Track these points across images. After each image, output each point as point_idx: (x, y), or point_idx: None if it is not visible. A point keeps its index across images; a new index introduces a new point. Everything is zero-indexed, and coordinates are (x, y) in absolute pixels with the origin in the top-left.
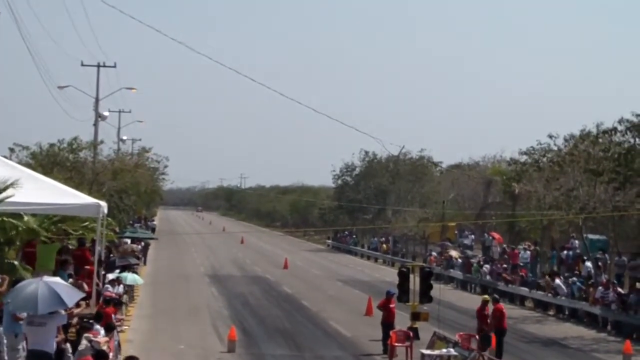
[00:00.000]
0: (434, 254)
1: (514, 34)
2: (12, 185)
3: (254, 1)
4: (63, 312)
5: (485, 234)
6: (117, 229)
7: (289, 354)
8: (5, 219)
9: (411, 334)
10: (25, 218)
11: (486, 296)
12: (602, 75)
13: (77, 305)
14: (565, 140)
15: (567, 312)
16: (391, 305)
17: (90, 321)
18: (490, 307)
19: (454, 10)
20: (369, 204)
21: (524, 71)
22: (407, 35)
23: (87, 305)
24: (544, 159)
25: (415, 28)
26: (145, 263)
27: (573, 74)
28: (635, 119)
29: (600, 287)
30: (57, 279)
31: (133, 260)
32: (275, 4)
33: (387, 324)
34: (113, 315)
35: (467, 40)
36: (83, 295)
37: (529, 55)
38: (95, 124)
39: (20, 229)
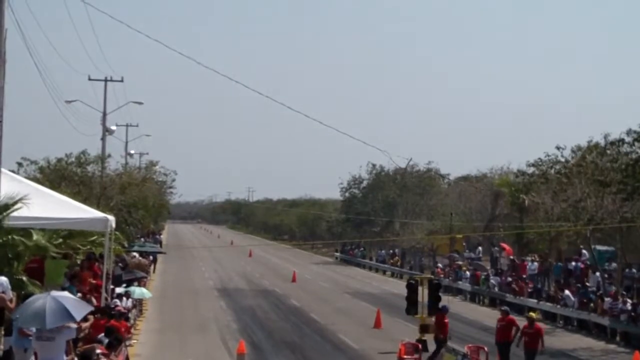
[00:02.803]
0: (440, 265)
1: (521, 45)
2: (20, 200)
3: (262, 14)
4: (72, 325)
5: (494, 246)
6: (125, 244)
7: None
8: (15, 237)
9: (420, 346)
10: (35, 237)
11: (532, 313)
12: (610, 86)
13: (86, 319)
14: (573, 151)
15: (575, 324)
16: (445, 321)
17: (101, 335)
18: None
19: (461, 21)
20: (377, 217)
21: (531, 83)
22: (414, 46)
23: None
24: (552, 171)
25: (423, 39)
26: (152, 277)
27: (580, 85)
28: None
29: (608, 298)
30: (65, 293)
31: (139, 274)
32: (283, 15)
33: (440, 339)
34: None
35: (474, 52)
36: (91, 309)
37: (536, 66)
38: (103, 138)
39: (28, 245)
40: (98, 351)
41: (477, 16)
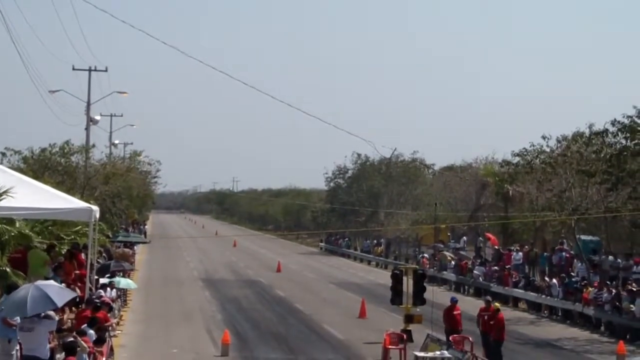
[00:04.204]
0: (425, 255)
1: (507, 35)
2: (5, 192)
3: (247, 3)
4: (52, 313)
5: (479, 236)
6: (109, 234)
7: (282, 358)
8: None
9: (405, 336)
10: (17, 224)
11: (496, 303)
12: (595, 76)
13: (70, 310)
14: (558, 141)
15: (560, 313)
16: (454, 312)
17: (85, 326)
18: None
19: (447, 11)
20: (362, 207)
21: (517, 72)
22: (400, 37)
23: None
24: (537, 161)
25: (409, 30)
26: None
27: (566, 75)
28: (626, 121)
29: (591, 288)
30: (50, 282)
31: (127, 266)
32: (268, 5)
33: (451, 331)
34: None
35: (460, 42)
36: (75, 295)
37: (521, 56)
38: (87, 128)
39: (12, 234)
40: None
41: (466, 8)
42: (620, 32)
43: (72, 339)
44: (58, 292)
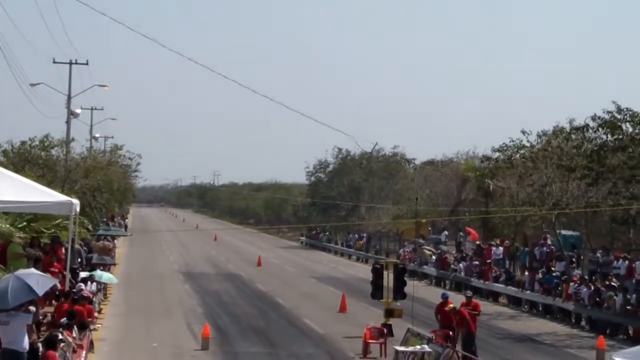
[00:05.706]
0: (407, 250)
1: (487, 31)
2: None
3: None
4: (31, 307)
5: (460, 231)
6: (90, 227)
7: (262, 352)
8: None
9: (385, 330)
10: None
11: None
12: (575, 72)
13: (50, 303)
14: (539, 136)
15: (540, 308)
16: (446, 308)
17: (64, 319)
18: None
19: (426, 7)
20: (343, 201)
21: (496, 68)
22: (380, 32)
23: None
24: (517, 156)
25: (389, 25)
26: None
27: (545, 70)
28: (607, 116)
29: (571, 283)
30: (31, 270)
31: (109, 260)
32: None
33: (446, 327)
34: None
35: (440, 38)
36: (55, 282)
37: (501, 52)
38: (68, 122)
39: None
40: (61, 337)
41: (445, 4)
42: (601, 28)
43: (58, 333)
44: (39, 280)
